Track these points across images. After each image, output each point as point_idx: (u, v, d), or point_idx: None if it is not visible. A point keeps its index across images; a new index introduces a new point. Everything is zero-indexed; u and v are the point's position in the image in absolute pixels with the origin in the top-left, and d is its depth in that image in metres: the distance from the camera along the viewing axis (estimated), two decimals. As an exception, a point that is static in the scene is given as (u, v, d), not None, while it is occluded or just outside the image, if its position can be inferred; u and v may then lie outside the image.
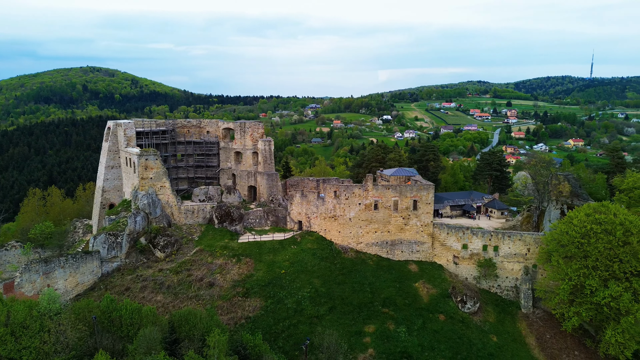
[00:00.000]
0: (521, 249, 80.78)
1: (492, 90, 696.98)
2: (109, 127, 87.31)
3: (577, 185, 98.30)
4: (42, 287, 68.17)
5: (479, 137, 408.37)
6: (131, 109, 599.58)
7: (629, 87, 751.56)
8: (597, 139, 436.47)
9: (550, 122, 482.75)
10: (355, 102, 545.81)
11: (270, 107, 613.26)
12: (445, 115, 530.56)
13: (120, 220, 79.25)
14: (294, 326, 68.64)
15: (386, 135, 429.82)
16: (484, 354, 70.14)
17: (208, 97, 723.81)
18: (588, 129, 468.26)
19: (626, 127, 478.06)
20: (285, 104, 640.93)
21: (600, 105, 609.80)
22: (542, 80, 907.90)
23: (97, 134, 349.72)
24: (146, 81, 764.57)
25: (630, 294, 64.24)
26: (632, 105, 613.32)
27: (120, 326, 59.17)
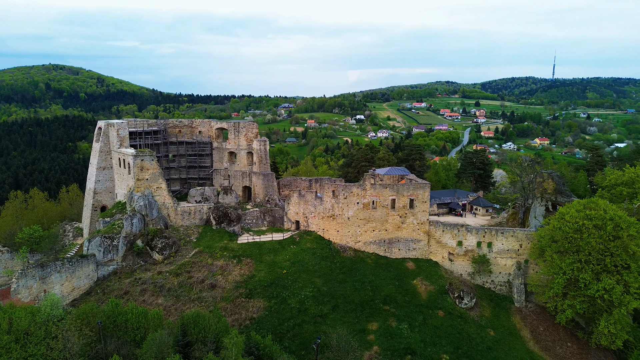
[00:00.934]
0: (514, 245, 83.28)
1: (460, 91, 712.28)
2: (100, 127, 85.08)
3: (561, 183, 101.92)
4: (38, 293, 66.08)
5: (451, 137, 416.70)
6: (98, 108, 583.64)
7: (589, 87, 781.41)
8: (561, 137, 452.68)
9: (517, 122, 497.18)
10: (329, 102, 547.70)
11: (242, 107, 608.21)
12: (417, 115, 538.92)
13: (116, 222, 77.51)
14: (298, 326, 68.79)
15: (360, 134, 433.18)
16: (483, 348, 72.03)
17: (178, 96, 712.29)
18: (553, 128, 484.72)
19: (589, 126, 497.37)
20: (258, 103, 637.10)
21: (563, 105, 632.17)
22: (508, 81, 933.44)
23: (63, 134, 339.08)
24: (113, 80, 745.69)
25: (621, 287, 67.28)
26: (593, 105, 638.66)
27: (125, 330, 58.07)
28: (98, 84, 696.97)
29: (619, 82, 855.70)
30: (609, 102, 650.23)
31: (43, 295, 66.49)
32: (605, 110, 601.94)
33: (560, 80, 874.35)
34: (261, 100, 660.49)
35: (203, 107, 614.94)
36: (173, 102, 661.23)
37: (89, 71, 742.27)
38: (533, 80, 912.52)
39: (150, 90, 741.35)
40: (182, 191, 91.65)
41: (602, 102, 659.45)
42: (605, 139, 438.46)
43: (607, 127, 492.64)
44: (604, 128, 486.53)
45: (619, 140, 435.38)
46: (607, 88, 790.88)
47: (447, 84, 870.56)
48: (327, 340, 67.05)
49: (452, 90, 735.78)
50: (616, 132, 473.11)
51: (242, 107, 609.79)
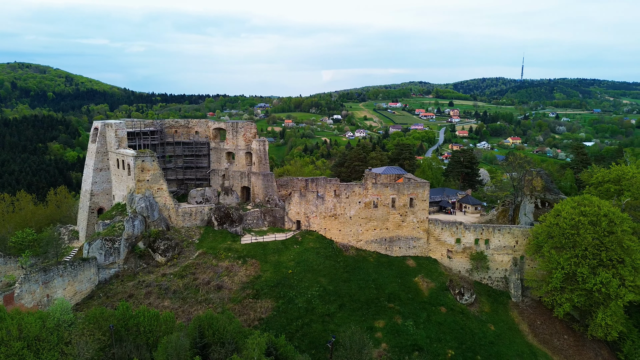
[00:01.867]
0: (510, 242, 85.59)
1: (434, 91, 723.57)
2: (96, 127, 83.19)
3: (549, 181, 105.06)
4: (41, 298, 64.34)
5: (427, 136, 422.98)
6: (67, 107, 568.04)
7: (556, 88, 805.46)
8: (532, 137, 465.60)
9: (490, 121, 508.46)
10: (305, 101, 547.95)
11: (217, 106, 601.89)
12: (393, 115, 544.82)
13: (116, 224, 76.06)
14: (307, 325, 69.06)
15: (338, 134, 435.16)
16: (485, 343, 73.85)
17: (151, 95, 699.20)
18: (524, 128, 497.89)
19: (557, 125, 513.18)
20: (233, 102, 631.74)
21: (532, 105, 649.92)
22: (478, 82, 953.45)
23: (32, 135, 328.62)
24: (82, 78, 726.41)
25: (617, 280, 70.13)
26: (561, 105, 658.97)
27: (137, 334, 57.28)
28: (67, 83, 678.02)
29: (584, 83, 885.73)
30: (576, 102, 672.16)
31: (46, 300, 64.81)
32: (573, 110, 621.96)
33: (529, 81, 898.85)
34: (237, 99, 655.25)
35: (177, 107, 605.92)
36: (146, 102, 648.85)
37: (57, 70, 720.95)
38: (503, 81, 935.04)
39: (121, 89, 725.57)
40: (179, 192, 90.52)
41: (569, 102, 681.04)
42: (573, 138, 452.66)
43: (575, 126, 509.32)
44: (572, 127, 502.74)
45: (587, 139, 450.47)
46: (573, 89, 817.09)
47: (421, 84, 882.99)
48: (337, 339, 67.79)
49: (426, 91, 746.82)
50: (584, 131, 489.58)
51: (217, 107, 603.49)
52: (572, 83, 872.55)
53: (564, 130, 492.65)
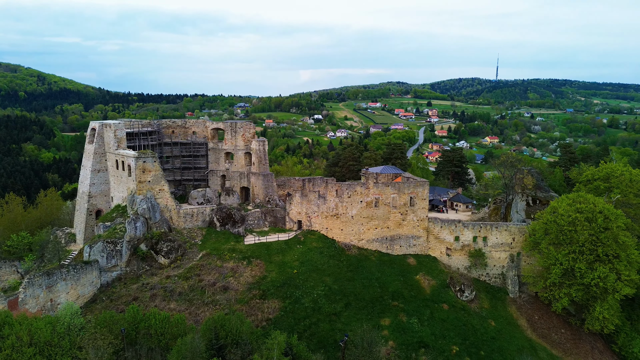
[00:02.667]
0: (507, 239, 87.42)
1: (412, 91, 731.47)
2: (94, 128, 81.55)
3: (540, 179, 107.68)
4: (45, 302, 62.93)
5: (407, 136, 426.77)
6: (40, 107, 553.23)
7: (529, 88, 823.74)
8: (509, 136, 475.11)
9: (468, 121, 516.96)
10: (285, 101, 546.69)
11: (196, 106, 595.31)
12: (373, 115, 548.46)
13: (117, 226, 74.80)
14: (314, 325, 69.30)
15: (319, 134, 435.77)
16: (487, 338, 75.35)
17: (127, 95, 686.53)
18: (501, 127, 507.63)
19: (533, 125, 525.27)
20: (212, 102, 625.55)
21: (508, 105, 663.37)
22: (455, 82, 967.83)
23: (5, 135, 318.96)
24: (55, 78, 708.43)
25: (614, 274, 72.45)
26: (535, 105, 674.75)
27: (149, 337, 56.64)
28: (39, 82, 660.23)
29: (557, 84, 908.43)
30: (549, 102, 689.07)
31: (50, 305, 63.42)
32: (547, 110, 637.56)
33: (504, 82, 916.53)
34: (215, 99, 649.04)
35: (155, 107, 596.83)
36: (122, 102, 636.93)
37: (28, 68, 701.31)
38: (479, 81, 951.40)
39: (96, 89, 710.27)
40: (177, 193, 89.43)
41: (543, 102, 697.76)
42: (549, 137, 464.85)
43: (549, 126, 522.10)
44: (547, 127, 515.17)
45: (561, 138, 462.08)
46: (546, 89, 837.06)
47: (399, 84, 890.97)
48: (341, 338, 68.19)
49: (405, 91, 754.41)
50: (558, 130, 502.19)
51: (196, 107, 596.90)
52: (544, 83, 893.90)
53: (539, 129, 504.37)
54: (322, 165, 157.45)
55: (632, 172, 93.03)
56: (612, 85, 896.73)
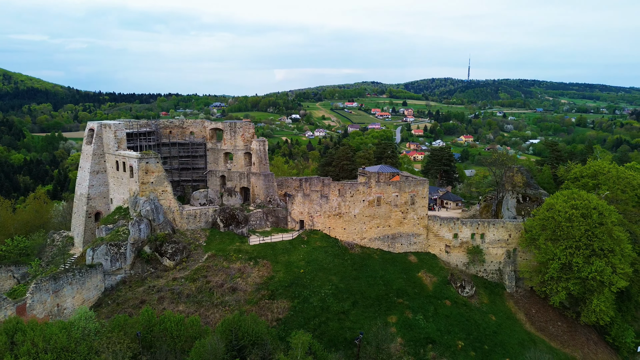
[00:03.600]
0: (504, 235, 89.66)
1: (388, 91, 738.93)
2: (92, 128, 79.64)
3: (529, 176, 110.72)
4: (52, 308, 61.33)
5: (385, 135, 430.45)
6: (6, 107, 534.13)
7: (500, 88, 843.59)
8: (483, 135, 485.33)
9: (443, 120, 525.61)
10: (262, 101, 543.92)
11: (170, 106, 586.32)
12: (350, 115, 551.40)
13: (120, 229, 73.41)
14: (324, 323, 69.58)
15: (297, 134, 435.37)
16: (489, 332, 77.20)
17: (98, 94, 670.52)
18: (475, 126, 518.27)
19: (505, 124, 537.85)
20: (187, 102, 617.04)
21: (481, 104, 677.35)
22: (428, 82, 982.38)
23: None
24: (21, 76, 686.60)
25: (610, 268, 75.28)
26: (506, 105, 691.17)
27: (164, 340, 55.92)
28: (4, 81, 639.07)
29: (526, 84, 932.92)
30: (520, 102, 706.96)
31: (56, 310, 61.84)
32: (517, 110, 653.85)
33: (475, 82, 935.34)
34: (190, 98, 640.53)
35: (128, 106, 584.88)
36: (93, 101, 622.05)
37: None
38: (451, 81, 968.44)
39: (65, 88, 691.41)
40: (175, 194, 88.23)
41: (513, 101, 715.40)
42: (521, 136, 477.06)
43: (521, 124, 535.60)
44: (519, 126, 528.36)
45: (533, 136, 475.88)
46: (515, 89, 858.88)
47: (373, 84, 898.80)
48: (353, 336, 68.84)
49: (380, 91, 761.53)
50: (530, 129, 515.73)
51: (170, 106, 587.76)
52: (514, 84, 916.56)
53: (511, 128, 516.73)
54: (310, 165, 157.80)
55: (618, 169, 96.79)
56: (578, 86, 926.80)
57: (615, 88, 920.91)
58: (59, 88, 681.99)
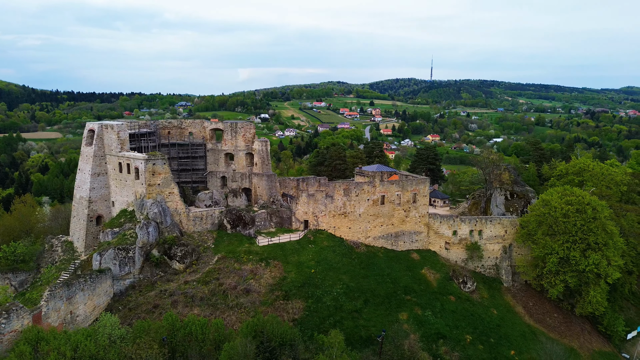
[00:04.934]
0: (500, 231, 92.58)
1: (354, 91, 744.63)
2: (92, 129, 76.84)
3: (516, 174, 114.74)
4: (65, 315, 59.07)
5: (355, 135, 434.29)
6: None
7: (462, 89, 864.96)
8: (449, 134, 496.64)
9: (410, 120, 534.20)
10: (230, 100, 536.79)
11: (134, 105, 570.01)
12: (319, 114, 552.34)
13: (126, 232, 71.43)
14: (339, 322, 69.86)
15: (268, 133, 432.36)
16: (493, 326, 79.64)
17: (55, 93, 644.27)
18: (441, 126, 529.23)
19: (469, 123, 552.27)
20: (151, 101, 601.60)
21: (445, 104, 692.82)
22: (393, 82, 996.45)
23: None
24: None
25: (605, 261, 79.09)
26: (469, 105, 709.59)
27: (189, 344, 55.01)
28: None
29: (486, 84, 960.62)
30: (482, 102, 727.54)
31: (70, 318, 59.61)
32: (480, 109, 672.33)
33: (438, 82, 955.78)
34: (154, 98, 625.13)
35: (88, 106, 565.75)
36: (50, 100, 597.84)
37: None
38: (415, 82, 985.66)
39: (19, 86, 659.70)
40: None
41: (475, 101, 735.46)
42: (485, 135, 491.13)
43: (485, 124, 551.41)
44: (482, 125, 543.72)
45: (496, 135, 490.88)
46: (477, 89, 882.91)
47: (339, 84, 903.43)
48: (368, 334, 69.70)
49: (347, 90, 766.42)
50: (493, 128, 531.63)
51: (134, 106, 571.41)
52: (475, 84, 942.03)
53: (475, 127, 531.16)
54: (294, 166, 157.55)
55: (602, 167, 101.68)
56: (534, 86, 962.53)
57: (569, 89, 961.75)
58: (13, 87, 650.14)
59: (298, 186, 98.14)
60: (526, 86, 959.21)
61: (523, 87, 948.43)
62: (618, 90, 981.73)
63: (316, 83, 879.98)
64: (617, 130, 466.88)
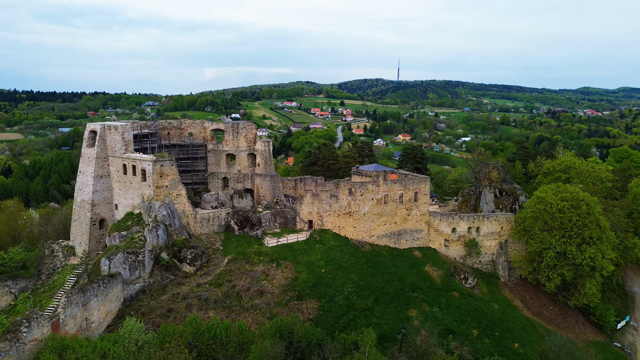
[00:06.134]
0: (496, 228, 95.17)
1: (324, 91, 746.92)
2: (94, 130, 74.30)
3: (504, 172, 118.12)
4: (81, 322, 57.08)
5: (328, 135, 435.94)
6: None
7: (429, 89, 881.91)
8: (419, 134, 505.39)
9: (380, 120, 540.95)
10: (200, 100, 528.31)
11: (98, 105, 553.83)
12: (290, 114, 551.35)
13: (134, 236, 69.65)
14: (352, 321, 70.33)
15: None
16: (496, 320, 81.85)
17: (13, 92, 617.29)
18: (411, 125, 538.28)
19: (438, 123, 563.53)
20: (116, 101, 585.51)
21: (413, 104, 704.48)
22: (361, 82, 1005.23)
23: None
24: None
25: (600, 254, 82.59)
26: (436, 105, 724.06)
27: (214, 347, 54.36)
28: None
29: (451, 84, 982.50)
30: (449, 102, 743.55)
31: (85, 325, 57.68)
32: (447, 109, 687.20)
33: (405, 82, 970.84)
34: (119, 97, 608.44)
35: (49, 106, 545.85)
36: (8, 100, 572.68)
37: None
38: (382, 82, 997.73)
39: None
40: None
41: (442, 102, 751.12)
42: (453, 134, 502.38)
43: (453, 123, 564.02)
44: (450, 124, 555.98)
45: (464, 135, 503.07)
46: (442, 89, 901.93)
47: (308, 83, 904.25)
48: (382, 331, 70.40)
49: (317, 90, 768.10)
50: (461, 127, 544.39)
51: (98, 106, 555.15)
52: (441, 84, 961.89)
53: (444, 127, 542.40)
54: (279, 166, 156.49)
55: (588, 164, 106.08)
56: (497, 87, 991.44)
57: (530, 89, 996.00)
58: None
59: (296, 186, 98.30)
60: (489, 87, 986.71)
61: (486, 88, 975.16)
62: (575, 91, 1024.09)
63: (285, 83, 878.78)
64: (578, 129, 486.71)
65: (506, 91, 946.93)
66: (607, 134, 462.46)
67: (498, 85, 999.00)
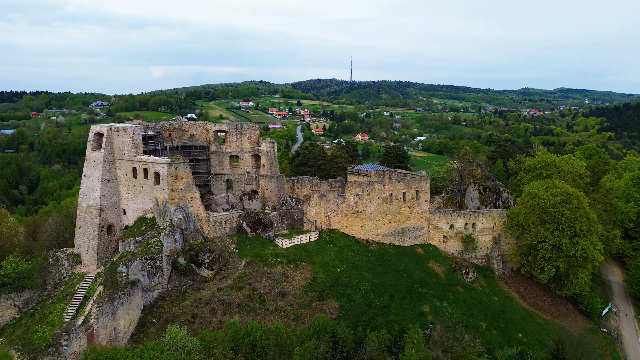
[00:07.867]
0: (490, 223, 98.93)
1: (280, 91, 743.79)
2: (101, 132, 70.64)
3: (487, 170, 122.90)
4: (110, 332, 54.62)
5: (288, 135, 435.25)
6: None
7: (381, 89, 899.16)
8: (377, 133, 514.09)
9: (339, 120, 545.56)
10: (153, 99, 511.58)
11: (41, 105, 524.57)
12: (248, 114, 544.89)
13: (150, 241, 67.20)
14: (372, 319, 71.09)
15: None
16: (498, 312, 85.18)
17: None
18: (368, 125, 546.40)
19: (394, 122, 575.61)
20: (60, 101, 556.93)
21: (368, 105, 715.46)
22: (315, 82, 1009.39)
23: None
24: None
25: (591, 246, 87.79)
26: (390, 105, 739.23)
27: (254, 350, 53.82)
28: None
29: (402, 85, 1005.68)
30: (402, 102, 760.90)
31: (114, 335, 55.21)
32: (400, 109, 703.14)
33: (358, 83, 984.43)
34: (64, 97, 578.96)
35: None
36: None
37: None
38: (336, 82, 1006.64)
39: None
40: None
41: (395, 102, 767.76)
42: (409, 134, 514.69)
43: (407, 123, 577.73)
44: (406, 124, 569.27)
45: (419, 134, 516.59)
46: (394, 90, 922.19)
47: (262, 83, 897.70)
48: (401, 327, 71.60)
49: (273, 90, 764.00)
50: (415, 127, 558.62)
51: (41, 105, 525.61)
52: (393, 85, 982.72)
53: (400, 127, 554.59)
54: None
55: (568, 161, 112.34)
56: (446, 87, 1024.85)
57: (476, 90, 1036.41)
58: None
59: (293, 187, 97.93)
60: (439, 87, 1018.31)
61: (436, 88, 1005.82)
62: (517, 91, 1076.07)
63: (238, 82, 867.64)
64: (524, 128, 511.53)
65: (454, 92, 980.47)
66: (551, 132, 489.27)
67: (447, 86, 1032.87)
